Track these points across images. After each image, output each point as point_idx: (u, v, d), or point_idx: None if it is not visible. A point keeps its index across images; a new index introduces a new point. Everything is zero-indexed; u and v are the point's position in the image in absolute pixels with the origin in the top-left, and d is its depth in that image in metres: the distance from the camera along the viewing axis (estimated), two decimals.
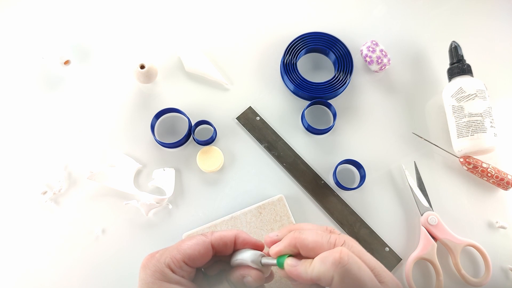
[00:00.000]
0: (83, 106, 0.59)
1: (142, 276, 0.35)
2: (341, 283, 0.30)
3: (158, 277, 0.34)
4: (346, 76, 0.59)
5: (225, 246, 0.37)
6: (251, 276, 0.36)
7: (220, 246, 0.37)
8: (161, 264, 0.34)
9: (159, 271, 0.34)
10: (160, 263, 0.35)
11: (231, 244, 0.37)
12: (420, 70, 0.62)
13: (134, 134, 0.57)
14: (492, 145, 0.53)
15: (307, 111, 0.59)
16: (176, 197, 0.55)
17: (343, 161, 0.55)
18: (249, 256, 0.36)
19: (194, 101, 0.59)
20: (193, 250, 0.35)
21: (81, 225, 0.53)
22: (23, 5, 0.65)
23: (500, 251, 0.53)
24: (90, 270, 0.51)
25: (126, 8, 0.65)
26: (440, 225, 0.52)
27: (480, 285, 0.50)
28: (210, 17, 0.64)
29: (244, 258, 0.37)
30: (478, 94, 0.54)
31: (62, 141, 0.57)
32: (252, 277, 0.36)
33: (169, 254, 0.35)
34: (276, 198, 0.53)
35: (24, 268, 0.51)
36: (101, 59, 0.62)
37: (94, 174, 0.53)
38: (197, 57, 0.60)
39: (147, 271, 0.35)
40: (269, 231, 0.51)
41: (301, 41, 0.60)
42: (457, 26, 0.65)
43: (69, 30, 0.63)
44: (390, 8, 0.65)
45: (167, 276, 0.34)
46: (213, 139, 0.57)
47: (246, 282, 0.36)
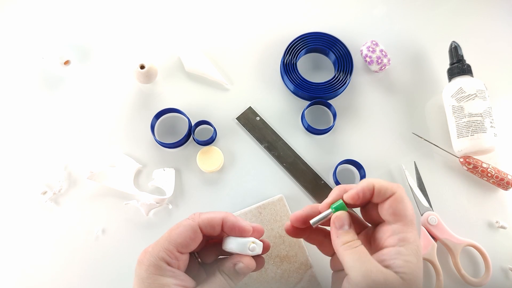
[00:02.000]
0: (83, 106, 0.59)
1: (138, 272, 0.35)
2: (398, 202, 0.35)
3: (152, 271, 0.34)
4: (346, 76, 0.59)
5: (212, 228, 0.38)
6: (243, 262, 0.37)
7: (207, 229, 0.37)
8: (154, 258, 0.35)
9: (154, 265, 0.34)
10: (154, 257, 0.35)
11: (219, 227, 0.38)
12: (420, 70, 0.62)
13: (134, 134, 0.57)
14: (492, 145, 0.53)
15: (307, 111, 0.59)
16: (176, 197, 0.55)
17: (343, 161, 0.55)
18: (236, 245, 0.37)
19: (194, 101, 0.59)
20: (184, 237, 0.36)
21: (81, 225, 0.53)
22: (23, 5, 0.65)
23: (500, 251, 0.53)
24: (90, 270, 0.51)
25: (126, 8, 0.65)
26: (440, 225, 0.52)
27: (480, 285, 0.50)
28: (210, 17, 0.64)
29: (232, 247, 0.37)
30: (478, 94, 0.54)
31: (62, 141, 0.57)
32: (243, 263, 0.37)
33: (162, 247, 0.35)
34: (276, 198, 0.53)
35: (24, 268, 0.51)
36: (101, 59, 0.62)
37: (94, 174, 0.53)
38: (197, 57, 0.60)
39: (142, 266, 0.35)
40: (269, 231, 0.51)
41: (301, 41, 0.60)
42: (457, 26, 0.65)
43: (69, 30, 0.63)
44: (390, 8, 0.65)
45: (161, 269, 0.35)
46: (213, 139, 0.57)
47: (238, 269, 0.37)
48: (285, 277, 0.50)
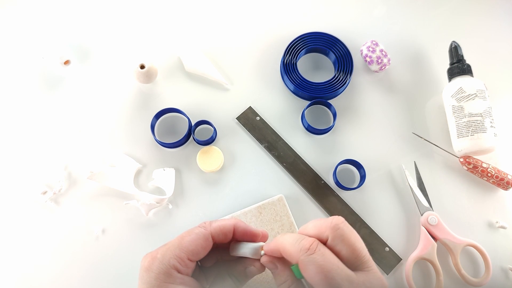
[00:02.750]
0: (83, 106, 0.59)
1: (146, 279, 0.34)
2: (334, 242, 0.32)
3: (163, 280, 0.33)
4: (346, 76, 0.59)
5: (224, 236, 0.37)
6: (254, 266, 0.37)
7: (220, 237, 0.37)
8: (165, 266, 0.34)
9: (164, 273, 0.34)
10: (165, 265, 0.34)
11: (231, 234, 0.38)
12: (420, 70, 0.62)
13: (134, 134, 0.57)
14: (492, 145, 0.53)
15: (307, 111, 0.59)
16: (176, 197, 0.55)
17: (343, 161, 0.55)
18: (250, 249, 0.37)
19: (194, 101, 0.59)
20: (195, 246, 0.35)
21: (81, 225, 0.53)
22: (23, 5, 0.65)
23: (500, 251, 0.53)
24: (90, 270, 0.51)
25: (126, 8, 0.65)
26: (440, 225, 0.52)
27: (480, 285, 0.50)
28: (210, 17, 0.64)
29: (245, 252, 0.37)
30: (478, 94, 0.54)
31: (62, 141, 0.57)
32: (255, 267, 0.37)
33: (172, 254, 0.34)
34: (276, 198, 0.53)
35: (24, 268, 0.51)
36: (101, 59, 0.62)
37: (94, 174, 0.53)
38: (197, 57, 0.60)
39: (151, 274, 0.34)
40: (269, 231, 0.51)
41: (301, 41, 0.60)
42: (457, 26, 0.65)
43: (69, 30, 0.63)
44: (390, 8, 0.66)
45: (172, 277, 0.34)
46: (213, 139, 0.57)
47: (248, 272, 0.37)
48: None
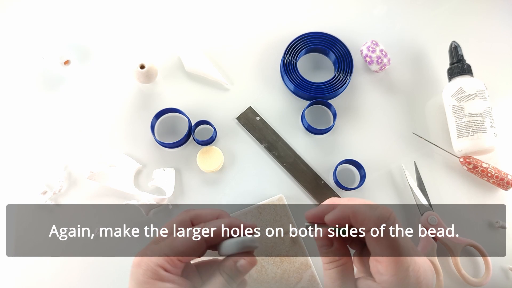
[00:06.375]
0: (83, 106, 0.59)
1: (135, 275, 0.34)
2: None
3: (150, 276, 0.34)
4: (346, 76, 0.59)
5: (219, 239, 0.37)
6: (244, 259, 0.36)
7: (213, 241, 0.36)
8: (153, 264, 0.34)
9: (152, 270, 0.34)
10: (153, 262, 0.34)
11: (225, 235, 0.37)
12: (420, 70, 0.62)
13: (134, 134, 0.57)
14: (492, 145, 0.53)
15: (307, 111, 0.59)
16: (176, 197, 0.55)
17: (343, 161, 0.55)
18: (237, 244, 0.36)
19: (194, 101, 0.59)
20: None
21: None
22: (23, 5, 0.64)
23: (500, 251, 0.53)
24: (90, 270, 0.51)
25: (126, 8, 0.65)
26: (440, 225, 0.52)
27: (480, 285, 0.50)
28: (210, 17, 0.64)
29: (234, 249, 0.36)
30: (478, 94, 0.54)
31: (62, 141, 0.57)
32: (245, 260, 0.36)
33: (162, 253, 0.34)
34: (276, 198, 0.53)
35: (24, 268, 0.51)
36: (101, 59, 0.62)
37: (94, 174, 0.53)
38: (197, 57, 0.60)
39: (139, 269, 0.34)
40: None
41: (301, 41, 0.60)
42: (457, 26, 0.65)
43: (69, 30, 0.63)
44: (390, 8, 0.65)
45: (159, 274, 0.34)
46: (213, 139, 0.57)
47: (240, 267, 0.36)
48: (285, 277, 0.50)
